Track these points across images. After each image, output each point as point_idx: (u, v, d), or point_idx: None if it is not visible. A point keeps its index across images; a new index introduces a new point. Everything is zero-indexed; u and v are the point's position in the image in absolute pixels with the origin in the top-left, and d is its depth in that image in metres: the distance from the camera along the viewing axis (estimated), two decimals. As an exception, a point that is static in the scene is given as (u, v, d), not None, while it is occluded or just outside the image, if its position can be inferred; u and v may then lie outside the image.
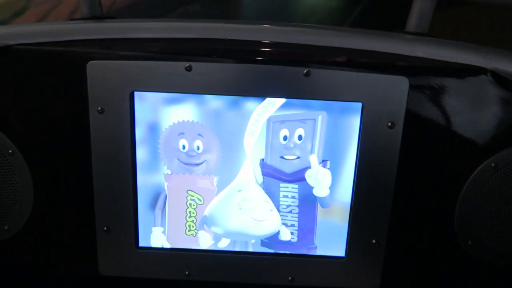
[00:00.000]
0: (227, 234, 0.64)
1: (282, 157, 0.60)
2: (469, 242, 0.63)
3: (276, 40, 0.57)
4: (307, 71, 0.55)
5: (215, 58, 0.56)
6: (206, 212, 0.63)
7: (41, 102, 0.60)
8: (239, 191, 0.61)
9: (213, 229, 0.63)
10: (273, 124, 0.59)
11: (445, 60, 0.56)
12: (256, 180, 0.61)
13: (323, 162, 0.60)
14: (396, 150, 0.58)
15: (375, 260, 0.63)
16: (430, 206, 0.63)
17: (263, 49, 0.58)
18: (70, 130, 0.61)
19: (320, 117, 0.58)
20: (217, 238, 0.64)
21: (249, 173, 0.61)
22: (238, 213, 0.62)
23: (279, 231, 0.63)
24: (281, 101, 0.58)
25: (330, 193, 0.61)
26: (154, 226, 0.63)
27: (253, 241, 0.64)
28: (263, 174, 0.61)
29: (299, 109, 0.58)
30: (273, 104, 0.58)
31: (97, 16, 0.61)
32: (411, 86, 0.56)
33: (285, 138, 0.59)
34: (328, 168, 0.60)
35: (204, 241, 0.64)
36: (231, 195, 0.62)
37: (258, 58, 0.57)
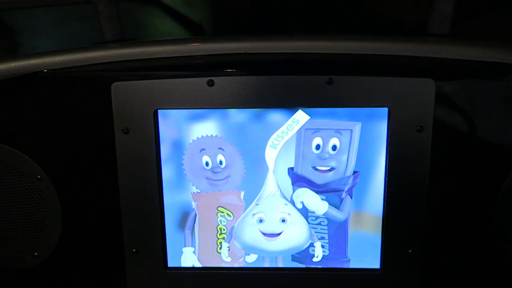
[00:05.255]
0: (246, 249, 0.62)
1: (314, 168, 0.59)
2: (511, 248, 0.60)
3: (296, 50, 0.57)
4: (329, 79, 0.55)
5: (236, 72, 0.57)
6: (234, 226, 0.62)
7: (68, 125, 0.61)
8: (257, 205, 0.60)
9: (236, 243, 0.62)
10: (305, 131, 0.58)
11: (470, 59, 0.55)
12: (281, 192, 0.60)
13: (354, 174, 0.59)
14: (427, 154, 0.56)
15: (412, 271, 0.60)
16: (466, 211, 0.61)
17: (283, 60, 0.58)
18: (96, 152, 0.61)
19: (357, 127, 0.57)
20: (245, 253, 0.63)
21: (273, 185, 0.60)
22: (251, 227, 0.61)
23: (310, 247, 0.62)
24: (305, 118, 0.57)
25: (361, 202, 0.60)
26: (185, 246, 0.62)
27: (283, 255, 0.62)
28: (292, 184, 0.60)
29: (326, 118, 0.57)
30: (297, 122, 0.57)
31: (119, 39, 0.62)
32: (438, 88, 0.55)
33: (317, 147, 0.58)
34: (357, 181, 0.59)
35: (233, 256, 0.63)
36: (251, 208, 0.61)
37: (279, 69, 0.57)
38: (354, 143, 0.58)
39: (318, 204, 0.60)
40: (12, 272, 0.66)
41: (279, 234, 0.61)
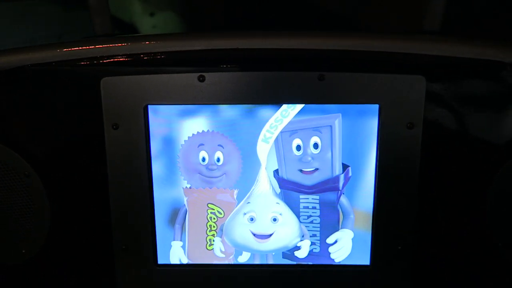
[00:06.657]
0: (236, 247, 0.62)
1: (299, 170, 0.59)
2: (500, 244, 0.60)
3: (288, 46, 0.57)
4: (321, 75, 0.55)
5: (227, 68, 0.56)
6: (224, 223, 0.62)
7: (56, 121, 0.60)
8: (248, 203, 0.60)
9: (226, 240, 0.62)
10: (282, 135, 0.57)
11: (461, 57, 0.56)
12: (274, 190, 0.60)
13: (345, 168, 0.58)
14: (417, 151, 0.56)
15: (402, 267, 0.61)
16: (456, 208, 0.61)
17: (275, 55, 0.58)
18: (85, 148, 0.60)
19: (336, 122, 0.57)
20: (237, 253, 0.62)
21: (265, 182, 0.59)
22: (241, 226, 0.61)
23: (299, 244, 0.62)
24: (300, 105, 0.57)
25: (351, 199, 0.60)
26: (174, 240, 0.62)
27: (273, 253, 0.62)
28: (280, 187, 0.60)
29: (313, 115, 0.57)
30: (293, 108, 0.57)
31: (109, 34, 0.61)
32: (429, 85, 0.55)
33: (298, 148, 0.58)
34: (350, 176, 0.59)
35: (223, 253, 0.63)
36: (241, 206, 0.61)
37: (271, 65, 0.57)
38: (336, 139, 0.57)
39: None
40: (-1, 269, 0.65)
41: (269, 235, 0.61)
